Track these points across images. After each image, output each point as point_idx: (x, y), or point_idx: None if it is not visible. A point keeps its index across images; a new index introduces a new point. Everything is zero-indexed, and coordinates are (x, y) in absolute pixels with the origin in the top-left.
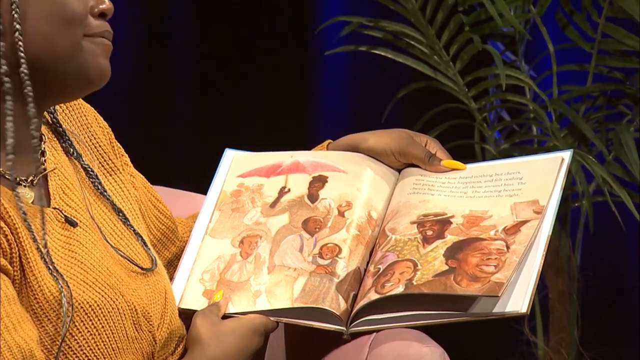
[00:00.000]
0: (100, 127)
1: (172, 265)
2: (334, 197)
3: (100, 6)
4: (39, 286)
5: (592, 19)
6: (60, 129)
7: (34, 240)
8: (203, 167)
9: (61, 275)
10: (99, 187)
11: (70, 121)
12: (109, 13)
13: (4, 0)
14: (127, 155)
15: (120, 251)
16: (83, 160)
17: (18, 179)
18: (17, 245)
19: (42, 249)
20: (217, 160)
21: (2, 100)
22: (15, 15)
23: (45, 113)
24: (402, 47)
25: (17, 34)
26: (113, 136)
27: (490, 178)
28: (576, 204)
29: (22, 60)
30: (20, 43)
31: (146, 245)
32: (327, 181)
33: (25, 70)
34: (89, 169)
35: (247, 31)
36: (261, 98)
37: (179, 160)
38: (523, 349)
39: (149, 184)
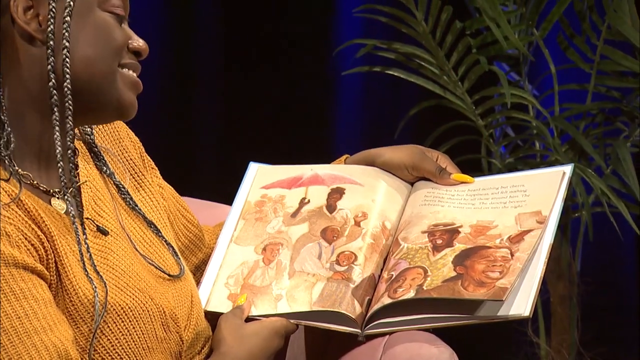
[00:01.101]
0: (131, 141)
1: (199, 270)
2: (350, 208)
3: (136, 44)
4: (74, 290)
5: (591, 42)
6: (96, 149)
7: (78, 244)
8: (228, 179)
9: (100, 277)
10: (130, 202)
11: (104, 137)
12: (144, 53)
13: (57, 19)
14: (156, 168)
15: (149, 259)
16: (115, 178)
17: (52, 190)
18: (52, 252)
19: (85, 254)
20: (242, 172)
21: (50, 112)
22: (66, 34)
23: (80, 132)
24: (414, 67)
25: (65, 50)
26: (143, 150)
27: (496, 190)
28: (576, 214)
29: (67, 77)
30: (67, 60)
31: (176, 254)
32: (344, 193)
33: (69, 86)
34: (121, 186)
35: (270, 52)
36: (283, 115)
37: (206, 172)
38: (527, 350)
39: (177, 194)
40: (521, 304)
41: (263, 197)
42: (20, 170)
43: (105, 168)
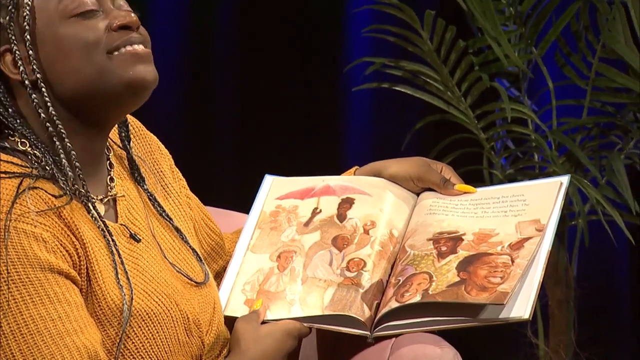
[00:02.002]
0: (162, 154)
1: (219, 277)
2: (360, 217)
3: (116, 22)
4: (103, 295)
5: (587, 60)
6: (132, 160)
7: (111, 252)
8: (245, 189)
9: (129, 282)
10: (161, 211)
11: (139, 149)
12: (131, 24)
13: (24, 59)
14: (184, 180)
15: (177, 266)
16: (147, 188)
17: (94, 198)
18: (84, 259)
19: (117, 259)
20: (258, 183)
21: (52, 142)
22: (35, 67)
23: (116, 146)
24: (420, 84)
25: (40, 82)
26: (173, 162)
27: (497, 200)
28: (573, 222)
29: (49, 106)
30: (44, 91)
31: (201, 261)
32: (354, 203)
33: (53, 112)
34: (151, 195)
35: (285, 70)
36: (296, 129)
37: (225, 183)
38: (526, 350)
39: (202, 204)
40: (521, 307)
41: (277, 208)
42: (62, 180)
43: (139, 178)
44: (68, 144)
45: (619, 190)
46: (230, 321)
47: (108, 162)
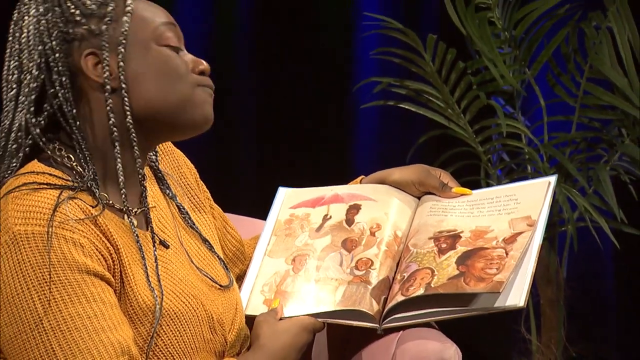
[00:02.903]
0: (188, 168)
1: (239, 279)
2: (366, 221)
3: (200, 67)
4: (135, 296)
5: (575, 80)
6: (160, 175)
7: (142, 257)
8: (262, 199)
9: (160, 285)
10: (189, 221)
11: (166, 164)
12: (207, 72)
13: (112, 64)
14: (208, 191)
15: (204, 271)
16: (177, 200)
17: (130, 209)
18: (118, 263)
19: (152, 264)
20: (273, 193)
21: (113, 146)
22: (122, 77)
23: (147, 160)
24: (423, 101)
25: (123, 92)
26: (198, 176)
27: (491, 200)
28: (563, 228)
29: (128, 114)
30: (126, 99)
31: (226, 267)
32: (361, 208)
33: (130, 121)
34: (181, 207)
35: (299, 88)
36: (309, 142)
37: (244, 193)
38: (520, 345)
39: (224, 214)
40: (516, 295)
41: (291, 216)
42: (99, 192)
43: (168, 191)
44: (137, 151)
45: (605, 199)
46: (250, 320)
47: (141, 176)
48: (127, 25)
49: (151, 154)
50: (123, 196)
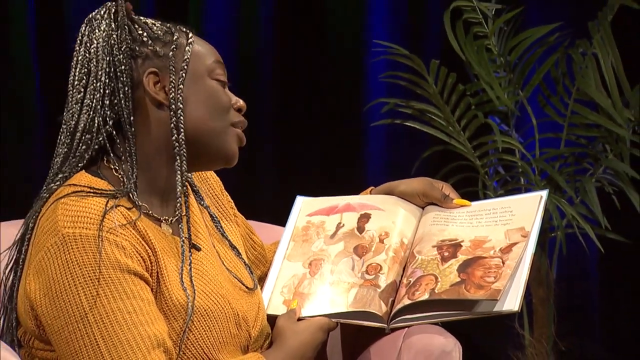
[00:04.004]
0: (214, 180)
1: (261, 281)
2: (376, 229)
3: (240, 103)
4: (169, 295)
5: (564, 101)
6: (195, 187)
7: (182, 260)
8: (282, 207)
9: (192, 285)
10: (220, 229)
11: (195, 177)
12: (244, 109)
13: (167, 85)
14: (232, 201)
15: (233, 273)
16: (210, 210)
17: (162, 218)
18: (156, 264)
19: (186, 267)
20: (292, 202)
21: (172, 160)
22: (180, 98)
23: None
24: (426, 120)
25: (179, 112)
26: (223, 187)
27: (489, 212)
28: (553, 234)
29: (182, 131)
30: (181, 118)
31: (251, 272)
32: (370, 217)
33: (183, 138)
34: (214, 216)
35: (315, 108)
36: (325, 156)
37: (265, 202)
38: (515, 340)
39: (247, 221)
40: (512, 301)
41: (308, 223)
42: (139, 202)
43: (202, 202)
44: (184, 164)
45: (591, 208)
46: (271, 318)
47: (185, 188)
48: (189, 54)
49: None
50: (178, 205)
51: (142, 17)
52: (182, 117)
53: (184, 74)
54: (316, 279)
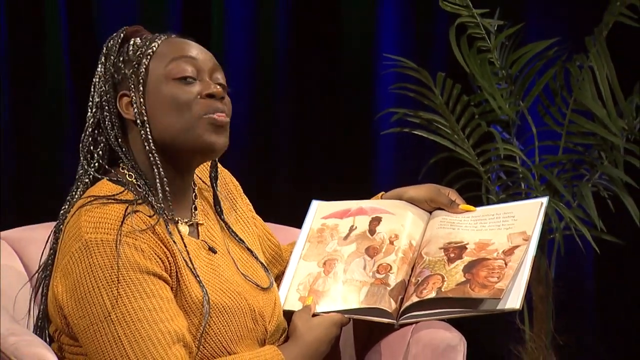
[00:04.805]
0: (234, 185)
1: (278, 279)
2: (386, 231)
3: (207, 91)
4: (188, 292)
5: (562, 111)
6: (216, 196)
7: (190, 260)
8: (298, 210)
9: (202, 285)
10: (234, 234)
11: (217, 183)
12: (217, 94)
13: (137, 102)
14: (250, 204)
15: (248, 276)
16: (225, 219)
17: (178, 219)
18: (174, 265)
19: (192, 266)
20: (307, 206)
21: (151, 168)
22: (143, 112)
23: (204, 183)
24: (433, 129)
25: (145, 124)
26: (242, 191)
27: (492, 217)
28: (552, 236)
29: (150, 141)
30: (149, 130)
31: (267, 272)
32: (381, 220)
33: (153, 147)
34: (228, 224)
35: (329, 117)
36: (338, 163)
37: (282, 205)
38: (515, 335)
39: (264, 223)
40: (514, 299)
41: (322, 225)
42: (158, 205)
43: (218, 208)
44: (162, 171)
45: (587, 211)
46: (288, 314)
47: (194, 193)
48: (145, 66)
49: (211, 174)
50: (169, 207)
51: (139, 38)
52: (149, 129)
53: (141, 87)
54: (330, 278)
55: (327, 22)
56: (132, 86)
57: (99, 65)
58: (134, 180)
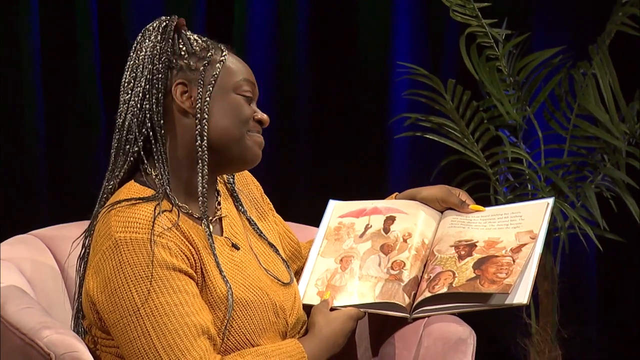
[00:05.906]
0: (255, 185)
1: (297, 274)
2: (400, 230)
3: (260, 115)
4: (213, 288)
5: (567, 115)
6: (235, 194)
7: (214, 256)
8: (316, 209)
9: (226, 280)
10: (258, 231)
11: (238, 183)
12: (265, 122)
13: (202, 100)
14: (271, 203)
15: (270, 271)
16: (248, 215)
17: (205, 218)
18: (199, 261)
19: (217, 262)
20: (325, 205)
21: (196, 162)
22: (206, 109)
23: (223, 182)
24: (444, 133)
25: (204, 121)
26: (263, 191)
27: (501, 216)
28: (557, 234)
29: (205, 138)
30: (205, 127)
31: (288, 267)
32: (395, 219)
33: (206, 144)
34: (251, 220)
35: (346, 122)
36: (354, 164)
37: (301, 205)
38: (522, 328)
39: (284, 221)
40: (521, 295)
41: (339, 224)
42: (179, 203)
43: (240, 207)
44: (206, 167)
45: (591, 211)
46: (307, 307)
47: (217, 191)
48: (218, 70)
49: (228, 176)
50: (203, 202)
51: (189, 33)
52: (206, 126)
53: (211, 87)
54: (346, 274)
55: (345, 32)
56: (201, 81)
57: (146, 41)
58: (158, 178)
